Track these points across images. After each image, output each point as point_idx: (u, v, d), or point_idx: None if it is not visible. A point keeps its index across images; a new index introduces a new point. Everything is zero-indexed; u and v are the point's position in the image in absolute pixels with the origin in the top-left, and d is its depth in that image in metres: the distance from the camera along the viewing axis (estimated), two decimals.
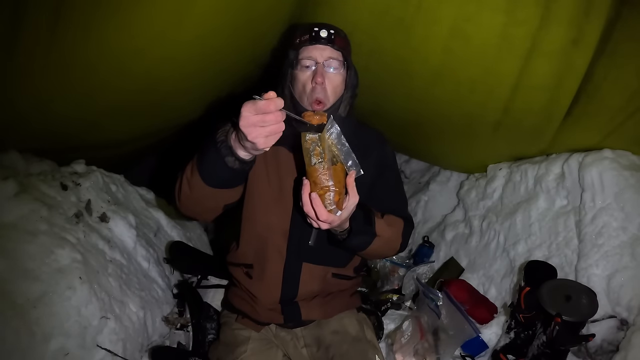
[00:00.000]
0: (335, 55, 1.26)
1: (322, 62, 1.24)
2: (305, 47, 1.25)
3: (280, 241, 1.32)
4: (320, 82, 1.23)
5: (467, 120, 2.16)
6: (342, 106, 1.30)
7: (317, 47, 1.24)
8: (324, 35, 1.23)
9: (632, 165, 1.92)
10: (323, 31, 1.23)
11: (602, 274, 1.79)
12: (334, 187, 0.99)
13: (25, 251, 1.48)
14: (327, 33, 1.24)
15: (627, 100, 1.76)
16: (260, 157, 1.31)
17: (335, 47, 1.25)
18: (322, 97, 1.23)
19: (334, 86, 1.26)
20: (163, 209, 2.41)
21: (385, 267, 2.58)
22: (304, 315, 1.37)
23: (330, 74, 1.25)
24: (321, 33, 1.23)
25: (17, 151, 1.95)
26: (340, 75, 1.27)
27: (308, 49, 1.25)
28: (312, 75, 1.24)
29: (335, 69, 1.26)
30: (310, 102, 1.24)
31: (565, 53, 1.70)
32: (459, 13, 1.71)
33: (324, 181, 0.99)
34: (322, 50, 1.24)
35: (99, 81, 1.75)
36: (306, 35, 1.24)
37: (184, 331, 1.72)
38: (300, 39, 1.26)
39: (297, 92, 1.28)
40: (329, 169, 0.98)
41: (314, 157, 0.98)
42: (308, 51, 1.25)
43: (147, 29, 1.59)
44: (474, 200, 2.57)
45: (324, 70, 1.24)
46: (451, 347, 1.82)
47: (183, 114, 2.48)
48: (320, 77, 1.23)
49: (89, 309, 1.50)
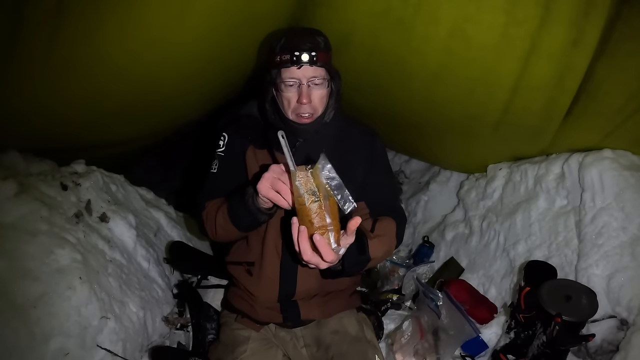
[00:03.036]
0: (319, 73, 1.24)
1: (305, 83, 1.23)
2: (287, 69, 1.23)
3: (276, 238, 1.34)
4: (306, 103, 1.24)
5: (467, 120, 2.16)
6: (327, 113, 1.32)
7: (300, 69, 1.22)
8: (306, 60, 1.21)
9: (632, 165, 1.92)
10: (304, 55, 1.20)
11: (602, 274, 1.79)
12: (331, 226, 0.95)
13: (25, 251, 1.48)
14: (309, 57, 1.21)
15: (627, 100, 1.76)
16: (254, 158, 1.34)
17: (318, 65, 1.23)
18: (309, 112, 1.26)
19: (320, 99, 1.27)
20: (163, 209, 2.41)
21: (385, 267, 2.58)
22: (303, 315, 1.37)
23: (315, 91, 1.25)
24: (302, 58, 1.20)
25: (17, 151, 1.95)
26: (324, 89, 1.28)
27: (290, 70, 1.23)
28: (296, 93, 1.25)
29: (320, 84, 1.26)
30: (297, 116, 1.27)
31: (565, 53, 1.70)
32: (459, 13, 1.71)
33: (321, 220, 0.94)
34: (304, 71, 1.22)
35: (99, 83, 1.75)
36: (287, 56, 1.21)
37: (184, 331, 1.72)
38: (280, 58, 1.23)
39: (282, 105, 1.29)
40: (326, 207, 0.94)
41: (307, 195, 0.94)
42: (290, 72, 1.23)
43: (146, 32, 1.59)
44: (474, 200, 2.57)
45: (308, 91, 1.24)
46: (451, 347, 1.82)
47: (183, 114, 2.48)
48: (306, 98, 1.23)
49: (89, 309, 1.50)
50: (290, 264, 1.34)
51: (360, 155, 1.37)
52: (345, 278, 1.43)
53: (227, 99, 2.54)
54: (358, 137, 1.41)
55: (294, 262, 1.29)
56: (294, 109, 1.26)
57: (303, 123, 1.27)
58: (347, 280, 1.45)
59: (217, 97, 2.44)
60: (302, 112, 1.25)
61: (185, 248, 2.00)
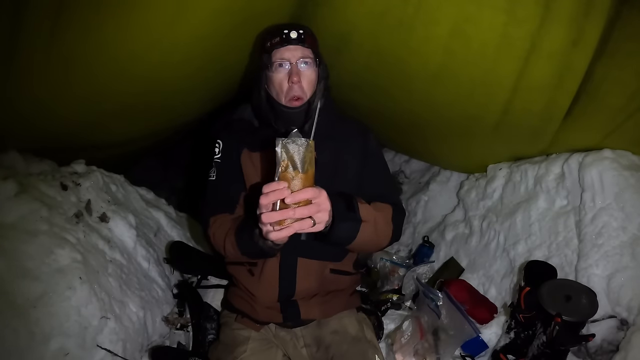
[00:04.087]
0: (307, 53, 1.33)
1: (295, 62, 1.31)
2: (277, 50, 1.32)
3: None
4: (296, 81, 1.30)
5: (467, 120, 2.16)
6: (316, 98, 1.37)
7: (289, 48, 1.32)
8: (294, 37, 1.31)
9: (632, 165, 1.92)
10: (293, 32, 1.31)
11: (602, 274, 1.79)
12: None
13: (25, 251, 1.48)
14: (297, 34, 1.31)
15: (627, 100, 1.76)
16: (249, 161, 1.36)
17: (305, 46, 1.33)
18: (299, 94, 1.32)
19: (309, 81, 1.34)
20: (163, 209, 2.41)
21: (385, 267, 2.58)
22: (303, 315, 1.37)
23: (304, 71, 1.33)
24: (291, 34, 1.31)
25: (17, 151, 1.95)
26: (313, 71, 1.35)
27: (280, 50, 1.32)
28: (287, 75, 1.32)
29: (308, 65, 1.34)
30: (289, 99, 1.32)
31: (565, 53, 1.70)
32: (459, 13, 1.71)
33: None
34: (293, 50, 1.32)
35: (99, 83, 1.75)
36: (277, 38, 1.31)
37: (184, 331, 1.72)
38: (270, 42, 1.32)
39: (274, 92, 1.35)
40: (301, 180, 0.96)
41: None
42: (280, 53, 1.32)
43: (146, 33, 1.60)
44: (474, 200, 2.57)
45: (298, 69, 1.32)
46: (451, 347, 1.82)
47: (183, 114, 2.48)
48: (296, 76, 1.30)
49: (89, 309, 1.50)
50: (289, 264, 1.34)
51: (354, 150, 1.40)
52: (345, 278, 1.44)
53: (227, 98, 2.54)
54: (351, 132, 1.44)
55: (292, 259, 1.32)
56: (286, 92, 1.32)
57: (294, 107, 1.32)
58: (347, 280, 1.45)
59: (217, 96, 2.44)
60: (294, 94, 1.31)
61: (185, 248, 2.00)
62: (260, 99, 1.39)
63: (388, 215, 1.30)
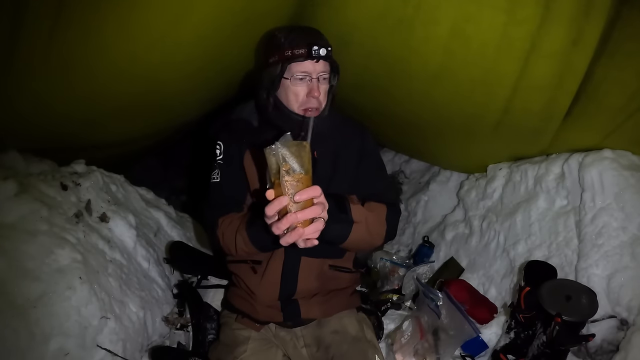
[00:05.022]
0: (328, 68, 1.31)
1: (316, 76, 1.28)
2: (300, 62, 1.27)
3: None
4: (317, 96, 1.28)
5: (467, 120, 2.16)
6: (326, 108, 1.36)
7: (314, 63, 1.27)
8: (323, 54, 1.26)
9: (632, 165, 1.92)
10: (322, 50, 1.25)
11: (602, 274, 1.79)
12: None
13: (25, 251, 1.48)
14: (327, 52, 1.26)
15: (627, 100, 1.76)
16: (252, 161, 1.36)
17: (328, 61, 1.30)
18: (317, 106, 1.30)
19: (325, 93, 1.33)
20: (163, 209, 2.41)
21: (385, 267, 2.58)
22: (303, 314, 1.37)
23: (323, 85, 1.31)
24: (321, 52, 1.25)
25: (17, 151, 1.95)
26: (328, 84, 1.34)
27: (304, 64, 1.27)
28: (306, 87, 1.29)
29: (326, 79, 1.32)
30: (304, 110, 1.30)
31: (565, 53, 1.70)
32: (459, 13, 1.71)
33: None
34: (316, 65, 1.28)
35: (99, 84, 1.75)
36: (302, 50, 1.25)
37: (184, 331, 1.72)
38: (293, 51, 1.26)
39: (286, 98, 1.32)
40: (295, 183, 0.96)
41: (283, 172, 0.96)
42: (304, 66, 1.27)
43: (146, 33, 1.59)
44: (474, 200, 2.57)
45: (319, 85, 1.29)
46: (451, 347, 1.82)
47: (183, 114, 2.48)
48: (317, 91, 1.28)
49: (89, 309, 1.50)
50: (293, 263, 1.35)
51: (351, 148, 1.40)
52: (345, 275, 1.44)
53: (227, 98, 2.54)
54: (349, 131, 1.44)
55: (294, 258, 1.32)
56: (302, 102, 1.29)
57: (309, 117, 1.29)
58: (346, 278, 1.46)
59: (217, 96, 2.44)
60: (311, 106, 1.29)
61: (185, 248, 2.00)
62: (267, 103, 1.35)
63: (382, 214, 1.30)
